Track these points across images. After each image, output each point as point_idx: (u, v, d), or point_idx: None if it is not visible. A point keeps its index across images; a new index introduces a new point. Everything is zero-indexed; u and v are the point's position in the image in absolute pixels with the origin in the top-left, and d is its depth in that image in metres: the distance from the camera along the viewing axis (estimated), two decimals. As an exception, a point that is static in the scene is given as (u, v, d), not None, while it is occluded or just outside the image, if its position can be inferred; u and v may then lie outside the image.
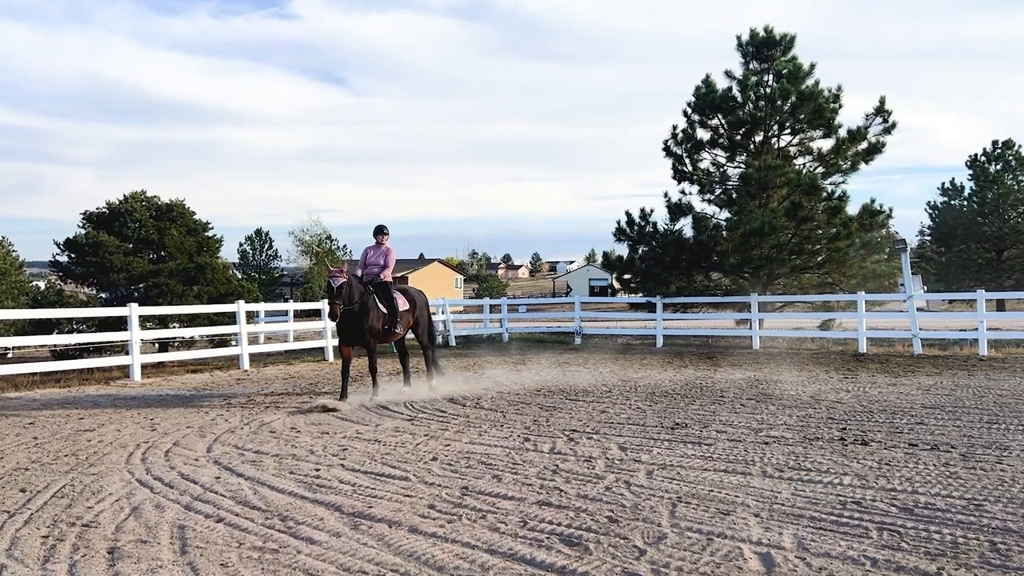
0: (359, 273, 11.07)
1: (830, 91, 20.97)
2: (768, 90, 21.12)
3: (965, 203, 48.41)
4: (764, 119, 21.28)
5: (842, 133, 20.90)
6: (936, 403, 10.07)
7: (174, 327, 19.97)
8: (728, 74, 21.77)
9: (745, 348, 19.43)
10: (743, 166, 21.48)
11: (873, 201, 20.57)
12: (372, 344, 11.05)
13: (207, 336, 19.08)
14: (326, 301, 10.65)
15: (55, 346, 17.96)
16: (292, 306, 23.62)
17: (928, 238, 51.77)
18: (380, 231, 11.49)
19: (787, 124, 21.51)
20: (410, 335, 12.36)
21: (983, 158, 47.91)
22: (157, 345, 19.79)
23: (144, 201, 22.99)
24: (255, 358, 17.58)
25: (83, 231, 22.43)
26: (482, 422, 9.13)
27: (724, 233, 21.02)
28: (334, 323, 10.82)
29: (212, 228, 23.92)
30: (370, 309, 10.80)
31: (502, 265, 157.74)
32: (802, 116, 21.06)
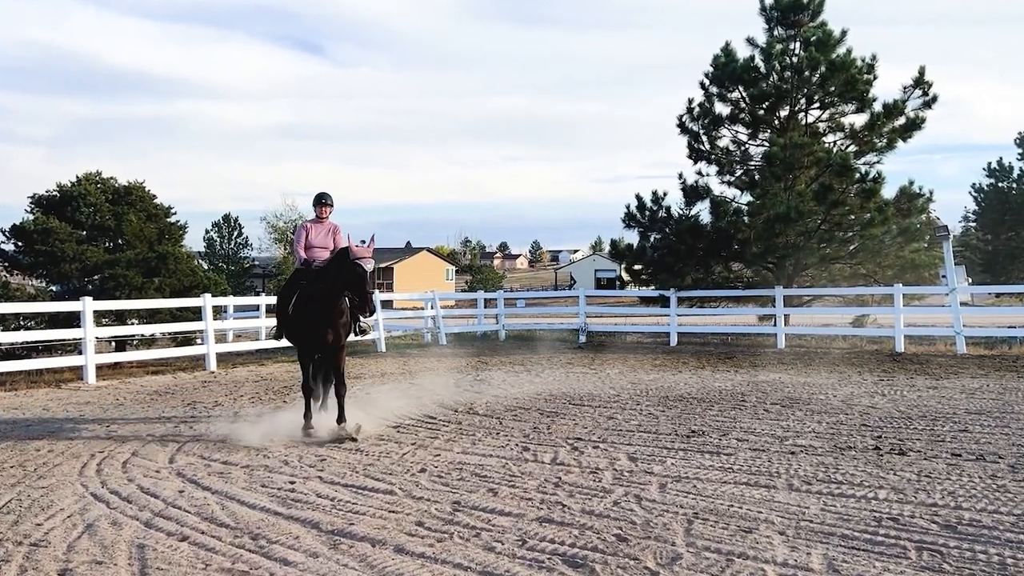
0: (301, 257, 9.48)
1: (863, 61, 20.96)
2: (795, 59, 21.09)
3: (1014, 185, 48.46)
4: (790, 92, 21.25)
5: (877, 107, 20.89)
6: (982, 408, 10.09)
7: (132, 323, 19.95)
8: (750, 41, 21.75)
9: (769, 347, 19.45)
10: (767, 144, 21.46)
11: (911, 183, 20.62)
12: (343, 351, 9.37)
13: (169, 334, 19.07)
14: (355, 292, 8.50)
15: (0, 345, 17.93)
16: (264, 300, 23.52)
17: (973, 224, 51.87)
18: (322, 201, 9.72)
19: (816, 97, 21.50)
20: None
21: (1034, 135, 47.94)
22: (113, 344, 19.75)
23: (99, 183, 22.90)
24: (223, 358, 17.55)
25: (31, 216, 22.36)
26: (476, 429, 9.13)
27: (746, 219, 21.01)
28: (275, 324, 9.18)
29: (175, 213, 23.84)
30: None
31: (498, 254, 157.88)
32: (832, 88, 21.04)
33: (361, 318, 9.42)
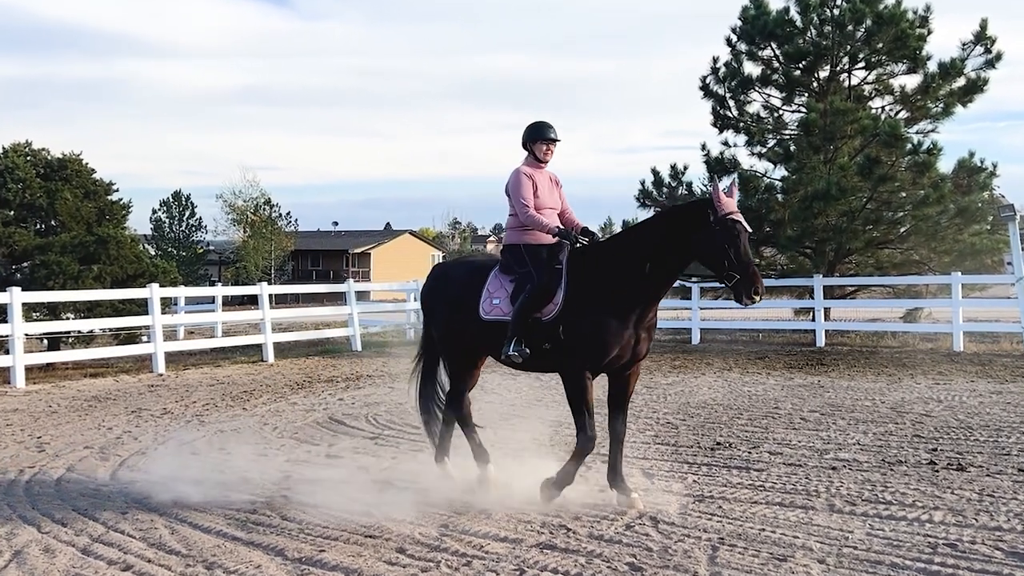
0: (543, 223, 6.91)
1: (915, 13, 20.88)
2: (836, 11, 21.01)
3: (1089, 158, 48.51)
4: (831, 49, 21.18)
5: (931, 67, 20.83)
6: (1052, 416, 10.10)
7: (68, 318, 19.89)
8: (785, -10, 21.67)
9: (806, 345, 19.46)
10: (804, 110, 21.41)
11: (972, 155, 20.52)
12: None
13: (111, 330, 19.03)
14: (732, 266, 6.28)
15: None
16: (221, 291, 23.55)
17: (1041, 203, 51.90)
18: (547, 135, 7.05)
19: (860, 56, 21.44)
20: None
21: (1113, 100, 47.95)
22: (46, 342, 19.71)
23: (29, 155, 22.83)
24: (173, 358, 17.52)
25: (-51, 194, 22.31)
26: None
27: (779, 196, 21.00)
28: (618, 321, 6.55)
29: (117, 190, 23.78)
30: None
31: (492, 238, 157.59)
32: (880, 45, 20.97)
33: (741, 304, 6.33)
